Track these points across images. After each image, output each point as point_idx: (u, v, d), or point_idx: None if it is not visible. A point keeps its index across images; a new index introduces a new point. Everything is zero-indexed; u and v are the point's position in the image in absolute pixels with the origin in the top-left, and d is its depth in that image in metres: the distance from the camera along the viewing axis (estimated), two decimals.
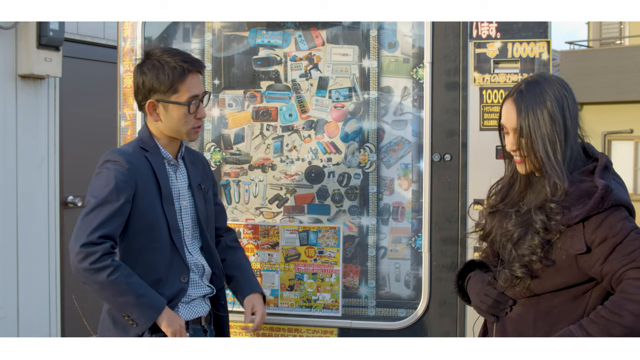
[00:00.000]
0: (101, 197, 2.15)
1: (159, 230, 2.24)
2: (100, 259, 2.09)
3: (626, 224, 1.81)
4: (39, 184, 4.50)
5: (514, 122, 1.94)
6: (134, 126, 2.91)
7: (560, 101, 1.91)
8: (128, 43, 2.92)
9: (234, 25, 2.91)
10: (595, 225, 1.83)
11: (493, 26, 2.61)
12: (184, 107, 2.25)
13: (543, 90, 1.92)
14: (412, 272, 2.80)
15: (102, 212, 2.13)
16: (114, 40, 3.18)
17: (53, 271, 4.61)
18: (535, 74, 2.03)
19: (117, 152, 2.26)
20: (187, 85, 2.25)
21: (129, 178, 2.18)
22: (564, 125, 1.90)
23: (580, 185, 1.86)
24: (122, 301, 2.13)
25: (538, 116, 1.90)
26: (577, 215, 1.82)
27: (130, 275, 2.14)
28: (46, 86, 4.54)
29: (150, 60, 2.27)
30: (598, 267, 1.83)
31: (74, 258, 2.11)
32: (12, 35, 4.29)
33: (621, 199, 1.83)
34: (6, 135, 4.27)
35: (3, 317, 4.26)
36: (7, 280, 4.29)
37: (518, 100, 1.93)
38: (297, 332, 2.79)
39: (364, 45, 2.81)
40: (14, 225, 4.33)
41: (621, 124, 15.84)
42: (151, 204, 2.23)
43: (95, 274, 2.09)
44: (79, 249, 2.09)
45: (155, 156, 2.29)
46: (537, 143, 1.89)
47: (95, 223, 2.12)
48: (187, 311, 2.30)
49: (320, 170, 2.85)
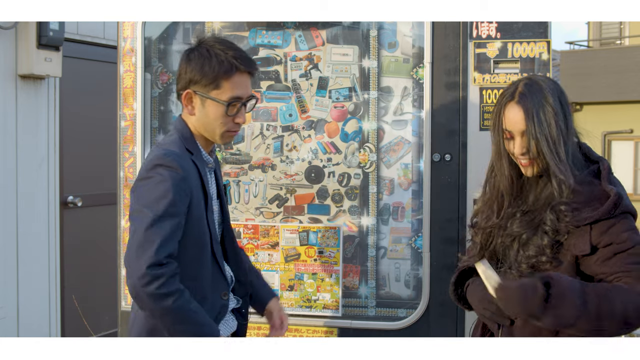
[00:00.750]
0: (161, 210, 1.92)
1: (206, 242, 2.07)
2: (167, 284, 1.89)
3: (632, 236, 1.84)
4: (39, 184, 4.50)
5: (522, 125, 1.92)
6: (134, 126, 2.91)
7: (559, 99, 1.93)
8: (128, 43, 2.92)
9: (234, 25, 2.91)
10: (603, 229, 1.84)
11: (493, 26, 2.61)
12: (222, 106, 2.04)
13: (543, 89, 1.92)
14: (412, 272, 2.80)
15: (163, 228, 1.91)
16: (114, 40, 3.18)
17: (53, 271, 4.61)
18: (527, 76, 2.02)
19: (169, 155, 1.99)
20: (232, 83, 2.04)
21: (186, 188, 1.98)
22: (566, 122, 1.92)
23: (591, 187, 1.88)
24: (181, 329, 1.96)
25: (542, 116, 1.90)
26: (587, 218, 1.84)
27: (191, 301, 1.95)
28: (46, 86, 4.54)
29: (200, 48, 2.06)
30: (595, 266, 1.85)
31: (138, 281, 1.88)
32: (12, 35, 4.29)
33: (629, 206, 1.86)
34: (6, 135, 4.27)
35: (3, 317, 4.26)
36: (7, 280, 4.29)
37: (523, 103, 1.92)
38: (297, 332, 2.79)
39: (364, 45, 2.81)
40: (14, 225, 4.33)
41: (621, 124, 15.84)
42: (201, 214, 2.04)
43: (161, 300, 1.89)
44: (145, 270, 1.87)
45: (199, 160, 2.08)
46: (543, 143, 1.89)
47: (158, 240, 1.89)
48: (224, 328, 2.18)
49: (320, 170, 2.85)
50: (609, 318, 1.77)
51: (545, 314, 1.78)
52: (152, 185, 1.95)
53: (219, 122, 2.06)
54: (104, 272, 4.81)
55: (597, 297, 1.78)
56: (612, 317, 1.78)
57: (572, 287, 1.80)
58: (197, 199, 2.03)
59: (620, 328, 1.80)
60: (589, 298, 1.78)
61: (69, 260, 4.80)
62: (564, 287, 1.79)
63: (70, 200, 4.82)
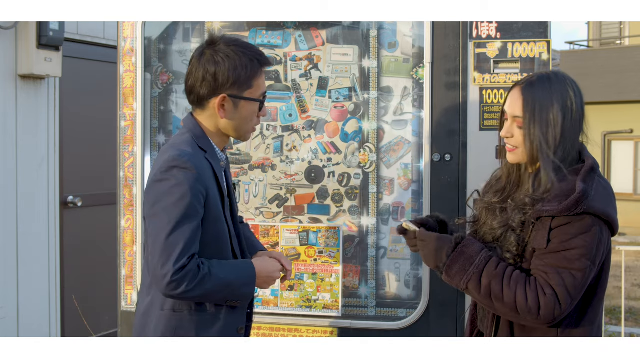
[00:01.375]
0: (180, 215, 1.93)
1: (225, 240, 2.08)
2: (194, 278, 1.92)
3: (578, 241, 1.80)
4: (39, 184, 4.50)
5: (516, 111, 1.94)
6: (134, 126, 2.91)
7: (565, 103, 1.90)
8: (128, 43, 2.92)
9: (234, 25, 2.91)
10: (559, 224, 1.83)
11: (493, 26, 2.61)
12: (256, 104, 2.06)
13: (553, 88, 1.91)
14: (412, 272, 2.80)
15: (184, 232, 1.92)
16: (114, 40, 3.18)
17: (53, 271, 4.61)
18: (551, 70, 2.03)
19: (184, 155, 1.98)
20: (261, 81, 2.08)
21: (201, 187, 1.97)
22: (562, 127, 1.90)
23: (562, 184, 1.86)
24: (221, 296, 2.01)
25: (539, 112, 1.90)
26: (548, 211, 1.83)
27: (219, 266, 1.99)
28: (46, 86, 4.54)
29: (220, 49, 2.02)
30: (535, 257, 1.86)
31: (165, 288, 1.92)
32: (12, 35, 4.29)
33: (594, 207, 1.81)
34: (6, 135, 4.27)
35: (3, 317, 4.26)
36: (7, 280, 4.29)
37: (526, 91, 1.93)
38: (297, 332, 2.79)
39: (364, 45, 2.81)
40: (14, 225, 4.33)
41: (621, 124, 15.85)
42: (219, 212, 2.05)
43: (194, 291, 1.94)
44: (170, 279, 1.90)
45: (213, 158, 2.08)
46: (533, 138, 1.90)
47: (181, 245, 1.92)
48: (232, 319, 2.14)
49: (320, 170, 2.85)
50: (498, 300, 1.84)
51: (445, 269, 1.92)
52: (168, 189, 1.95)
53: (250, 120, 2.09)
54: (104, 272, 4.81)
55: (490, 275, 1.85)
56: (499, 300, 1.83)
57: (471, 255, 1.89)
58: (214, 197, 2.02)
59: (510, 314, 1.85)
60: (485, 273, 1.86)
61: (69, 260, 4.80)
62: (464, 252, 1.90)
63: (70, 200, 4.82)
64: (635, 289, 8.80)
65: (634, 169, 16.05)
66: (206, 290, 1.95)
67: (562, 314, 1.80)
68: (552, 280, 1.79)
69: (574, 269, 1.79)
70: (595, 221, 1.81)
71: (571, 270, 1.79)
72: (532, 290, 1.80)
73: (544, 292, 1.79)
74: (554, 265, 1.81)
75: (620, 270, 7.52)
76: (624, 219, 15.58)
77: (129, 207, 2.93)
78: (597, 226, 1.82)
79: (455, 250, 1.93)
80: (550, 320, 1.81)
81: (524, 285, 1.82)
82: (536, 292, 1.80)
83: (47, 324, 4.59)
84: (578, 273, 1.79)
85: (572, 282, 1.79)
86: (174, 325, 2.05)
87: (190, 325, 2.04)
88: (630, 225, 15.48)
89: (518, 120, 1.94)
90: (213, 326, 2.06)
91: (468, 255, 1.90)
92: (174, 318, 2.05)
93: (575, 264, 1.79)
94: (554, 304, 1.78)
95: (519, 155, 1.96)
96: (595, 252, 1.81)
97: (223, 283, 1.99)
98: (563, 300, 1.78)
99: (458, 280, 1.90)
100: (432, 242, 1.98)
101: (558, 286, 1.78)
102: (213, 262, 1.99)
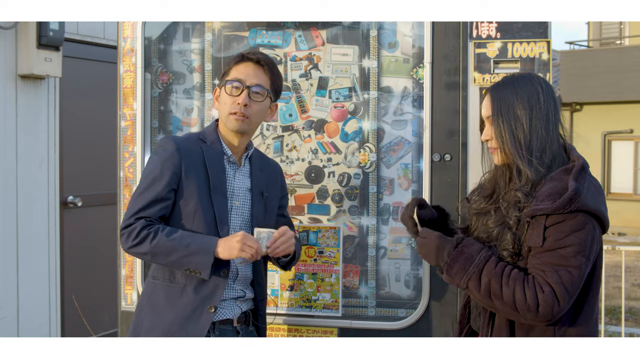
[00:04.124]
0: (144, 184, 2.21)
1: (204, 218, 2.23)
2: (139, 233, 2.14)
3: (573, 238, 1.83)
4: (39, 184, 4.50)
5: (488, 112, 2.01)
6: (134, 126, 2.91)
7: (530, 98, 1.96)
8: (128, 43, 2.92)
9: (234, 25, 2.91)
10: (553, 222, 1.85)
11: (493, 26, 2.61)
12: (228, 88, 2.27)
13: (517, 85, 1.98)
14: (412, 272, 2.80)
15: (144, 198, 2.19)
16: (114, 40, 3.18)
17: (53, 271, 4.61)
18: (521, 72, 2.07)
19: (169, 137, 2.30)
20: (237, 70, 2.28)
21: (174, 163, 2.21)
22: (530, 121, 1.95)
23: (556, 183, 1.89)
24: (175, 259, 2.15)
25: (505, 109, 1.96)
26: (542, 209, 1.85)
27: (171, 232, 2.16)
28: (46, 86, 4.54)
29: None
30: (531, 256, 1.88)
31: (121, 243, 2.20)
32: (12, 35, 4.29)
33: (588, 205, 1.84)
34: (6, 135, 4.27)
35: (3, 317, 4.26)
36: (7, 280, 4.29)
37: (493, 92, 2.02)
38: (297, 332, 2.79)
39: (364, 45, 2.81)
40: (14, 225, 4.33)
41: (621, 124, 15.84)
42: (197, 191, 2.22)
43: (139, 246, 2.15)
44: (121, 232, 2.18)
45: (212, 148, 2.29)
46: (503, 133, 1.95)
47: (135, 209, 2.19)
48: (227, 311, 2.28)
49: (320, 170, 2.85)
50: (498, 298, 1.85)
51: (445, 269, 1.94)
52: (148, 163, 2.28)
53: (225, 105, 2.28)
54: (104, 272, 4.81)
55: (490, 274, 1.87)
56: (498, 298, 1.85)
57: (471, 254, 1.91)
58: (192, 176, 2.22)
59: (510, 312, 1.86)
60: (485, 272, 1.88)
61: (69, 260, 4.80)
62: (464, 252, 1.92)
63: (70, 200, 4.82)
64: (635, 289, 8.80)
65: (634, 169, 16.04)
66: (151, 248, 2.13)
67: (560, 311, 1.81)
68: (550, 278, 1.81)
69: (570, 266, 1.82)
70: (588, 218, 1.84)
71: (568, 268, 1.81)
72: (530, 288, 1.82)
73: (542, 290, 1.81)
74: (551, 263, 1.83)
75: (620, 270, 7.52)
76: (624, 218, 15.63)
77: None
78: (590, 223, 1.85)
79: (455, 249, 1.94)
80: (549, 318, 1.82)
81: (522, 284, 1.83)
82: (534, 290, 1.82)
83: (47, 324, 4.59)
84: (574, 270, 1.81)
85: (569, 279, 1.81)
86: (150, 290, 2.29)
87: (161, 292, 2.25)
88: (630, 225, 15.47)
89: (490, 120, 2.00)
90: (181, 297, 2.21)
91: (468, 254, 1.92)
92: (151, 285, 2.30)
93: (571, 261, 1.82)
94: (553, 301, 1.80)
95: (502, 155, 2.00)
96: (589, 249, 1.84)
97: (170, 245, 2.14)
98: (561, 297, 1.80)
99: (459, 280, 1.92)
100: (433, 240, 2.00)
101: (556, 284, 1.80)
102: (169, 229, 2.18)
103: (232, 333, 2.28)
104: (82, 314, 4.62)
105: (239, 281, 2.31)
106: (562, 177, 1.89)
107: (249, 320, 2.35)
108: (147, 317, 2.25)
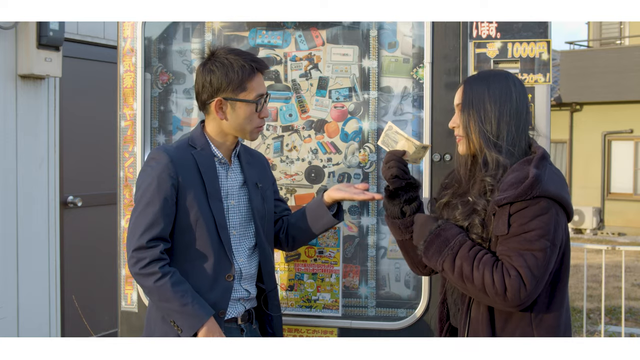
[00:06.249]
0: (145, 199, 2.20)
1: (205, 226, 2.25)
2: (149, 265, 2.15)
3: (536, 222, 1.88)
4: (39, 184, 4.50)
5: (458, 99, 2.08)
6: (134, 126, 2.91)
7: (501, 90, 2.03)
8: (128, 43, 2.92)
9: (234, 25, 2.91)
10: (517, 209, 1.90)
11: (493, 26, 2.61)
12: (251, 105, 2.29)
13: (492, 81, 2.05)
14: (412, 272, 2.79)
15: (147, 215, 2.19)
16: (114, 40, 3.18)
17: (53, 271, 4.61)
18: (498, 69, 2.16)
19: (160, 148, 2.30)
20: (255, 83, 2.29)
21: (170, 174, 2.21)
22: (500, 115, 2.00)
23: (517, 174, 1.94)
24: (166, 307, 2.18)
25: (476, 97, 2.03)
26: (506, 198, 1.90)
27: (178, 283, 2.17)
28: (46, 86, 4.54)
29: (217, 59, 2.29)
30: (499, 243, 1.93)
31: (129, 262, 2.19)
32: (12, 35, 4.29)
33: (549, 190, 1.89)
34: (6, 135, 4.27)
35: (3, 317, 4.27)
36: (7, 280, 4.29)
37: (466, 83, 2.09)
38: (297, 332, 2.79)
39: (364, 45, 2.81)
40: (14, 225, 4.34)
41: (621, 124, 15.85)
42: (196, 200, 2.24)
43: (144, 279, 2.16)
44: (131, 253, 2.17)
45: (203, 154, 2.30)
46: (472, 122, 2.02)
47: (143, 226, 2.18)
48: (231, 310, 2.32)
49: (320, 170, 2.85)
50: (469, 281, 1.91)
51: (423, 250, 2.02)
52: (142, 176, 2.27)
53: (248, 120, 2.30)
54: (104, 272, 4.82)
55: (463, 258, 1.92)
56: (469, 280, 1.90)
57: (447, 237, 1.97)
58: (189, 186, 2.24)
59: (480, 295, 1.91)
60: (458, 255, 1.93)
61: (69, 260, 4.80)
62: (441, 234, 1.99)
63: (70, 200, 4.82)
64: (635, 289, 8.80)
65: (634, 169, 16.05)
66: (153, 286, 2.15)
67: (528, 295, 1.86)
68: (515, 262, 1.87)
69: (535, 250, 1.86)
70: (550, 204, 1.90)
71: (532, 252, 1.86)
72: (498, 272, 1.87)
73: (509, 274, 1.86)
74: (516, 249, 1.88)
75: (620, 270, 7.51)
76: (624, 218, 15.63)
77: (129, 207, 2.92)
78: (553, 208, 1.90)
79: (434, 231, 2.01)
80: (518, 302, 1.87)
81: (491, 268, 1.89)
82: (502, 274, 1.87)
83: (47, 324, 4.59)
84: (539, 253, 1.86)
85: (535, 263, 1.86)
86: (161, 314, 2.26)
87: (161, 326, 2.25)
88: (630, 225, 15.48)
89: (459, 107, 2.07)
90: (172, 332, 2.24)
91: (444, 237, 1.99)
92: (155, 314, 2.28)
93: (535, 245, 1.87)
94: (519, 284, 1.85)
95: (466, 145, 2.06)
96: (553, 233, 1.89)
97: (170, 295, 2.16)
98: (527, 281, 1.85)
99: (434, 261, 1.99)
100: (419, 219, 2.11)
101: (521, 267, 1.85)
102: (177, 277, 2.18)
103: (236, 331, 2.34)
104: (82, 314, 4.62)
105: (245, 280, 2.36)
106: (523, 167, 1.95)
107: (252, 318, 2.40)
108: (158, 326, 2.27)
